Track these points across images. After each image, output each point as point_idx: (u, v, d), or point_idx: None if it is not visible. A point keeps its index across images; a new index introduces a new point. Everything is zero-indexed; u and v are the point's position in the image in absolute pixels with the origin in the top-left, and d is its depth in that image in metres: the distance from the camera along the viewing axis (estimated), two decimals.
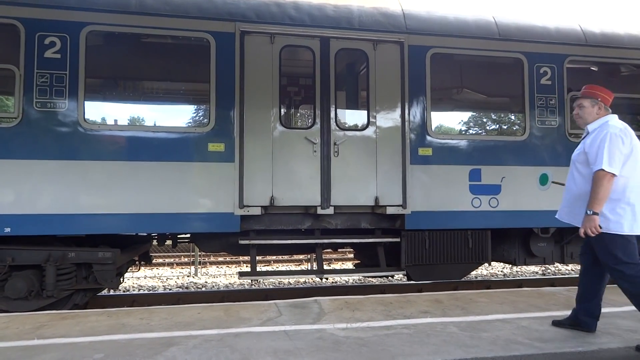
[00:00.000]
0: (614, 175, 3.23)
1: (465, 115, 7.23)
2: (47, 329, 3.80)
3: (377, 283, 7.79)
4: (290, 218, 5.51)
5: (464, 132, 6.79)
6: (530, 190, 5.76)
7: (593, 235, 3.27)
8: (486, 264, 6.26)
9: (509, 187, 5.74)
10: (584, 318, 3.66)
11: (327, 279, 6.62)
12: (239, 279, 5.38)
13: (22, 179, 4.71)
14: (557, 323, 3.83)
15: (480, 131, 7.50)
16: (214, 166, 5.10)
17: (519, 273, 10.15)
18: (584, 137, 3.57)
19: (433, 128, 5.68)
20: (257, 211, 5.17)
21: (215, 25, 5.19)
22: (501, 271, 10.34)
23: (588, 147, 3.40)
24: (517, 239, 6.20)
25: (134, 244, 5.85)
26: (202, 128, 5.18)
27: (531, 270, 10.38)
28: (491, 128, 7.67)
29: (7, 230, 4.66)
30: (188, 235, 6.06)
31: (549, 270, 10.31)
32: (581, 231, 3.31)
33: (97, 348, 3.32)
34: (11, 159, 4.70)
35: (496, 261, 6.43)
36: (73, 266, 5.02)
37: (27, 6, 4.79)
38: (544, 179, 5.48)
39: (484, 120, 7.56)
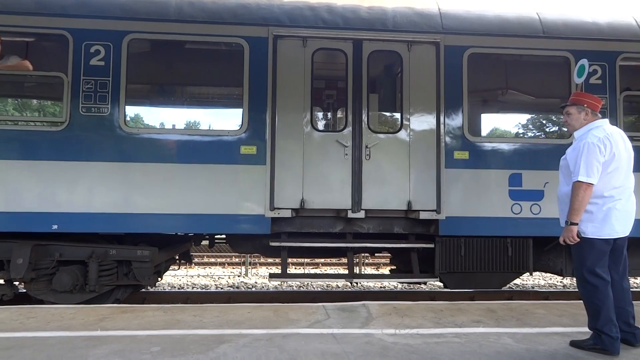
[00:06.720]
0: (590, 184, 3.24)
1: (505, 118, 6.92)
2: (109, 322, 4.02)
3: (426, 289, 7.57)
4: (321, 221, 5.48)
5: (503, 135, 6.48)
6: None
7: (571, 244, 3.31)
8: (545, 274, 5.95)
9: (553, 193, 5.40)
10: None
11: (357, 284, 6.52)
12: (269, 281, 5.43)
13: (69, 179, 5.01)
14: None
15: (521, 134, 7.12)
16: (246, 169, 5.18)
17: None
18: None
19: (470, 131, 5.47)
20: (288, 213, 5.20)
21: (249, 30, 5.28)
22: (560, 282, 9.75)
23: (569, 155, 3.45)
24: (564, 248, 5.81)
25: (173, 243, 6.05)
26: (234, 131, 5.28)
27: None
28: (533, 130, 7.28)
29: (55, 227, 4.98)
30: (225, 236, 6.18)
31: None
32: (561, 239, 3.38)
33: (154, 342, 3.47)
34: (59, 160, 5.01)
35: (540, 271, 6.08)
36: (114, 263, 5.27)
37: (75, 17, 5.10)
38: None
39: (525, 122, 7.19)
